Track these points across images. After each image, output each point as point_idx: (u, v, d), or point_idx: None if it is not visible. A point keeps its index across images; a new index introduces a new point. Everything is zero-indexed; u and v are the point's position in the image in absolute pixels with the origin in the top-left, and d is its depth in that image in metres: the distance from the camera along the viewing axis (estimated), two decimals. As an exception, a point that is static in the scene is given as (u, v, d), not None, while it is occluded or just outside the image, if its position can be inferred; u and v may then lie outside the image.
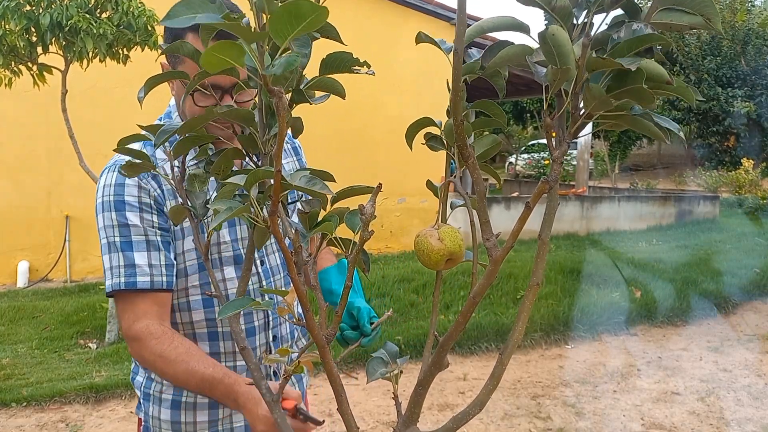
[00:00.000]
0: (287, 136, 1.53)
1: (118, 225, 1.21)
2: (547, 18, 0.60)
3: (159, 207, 1.23)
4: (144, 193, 1.22)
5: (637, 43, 0.58)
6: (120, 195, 1.21)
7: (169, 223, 1.23)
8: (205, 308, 1.30)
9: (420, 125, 0.80)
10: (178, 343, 1.20)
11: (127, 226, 1.21)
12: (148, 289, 1.21)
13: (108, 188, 1.22)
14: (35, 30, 4.37)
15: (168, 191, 1.24)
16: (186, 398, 1.32)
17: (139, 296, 1.21)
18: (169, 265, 1.23)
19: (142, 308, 1.22)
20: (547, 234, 0.72)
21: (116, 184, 1.22)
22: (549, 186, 0.66)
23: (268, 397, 0.88)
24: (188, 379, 1.18)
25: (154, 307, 1.23)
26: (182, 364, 1.17)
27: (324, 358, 0.74)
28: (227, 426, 1.35)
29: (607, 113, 0.62)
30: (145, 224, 1.21)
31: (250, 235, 0.85)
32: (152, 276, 1.21)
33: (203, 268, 1.26)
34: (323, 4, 0.52)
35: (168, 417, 1.32)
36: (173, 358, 1.17)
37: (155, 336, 1.19)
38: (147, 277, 1.20)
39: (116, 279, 1.20)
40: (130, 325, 1.21)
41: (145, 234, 1.21)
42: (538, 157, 18.48)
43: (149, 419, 1.35)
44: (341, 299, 0.77)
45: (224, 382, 1.14)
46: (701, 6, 0.58)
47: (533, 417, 3.66)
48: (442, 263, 0.85)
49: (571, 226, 9.28)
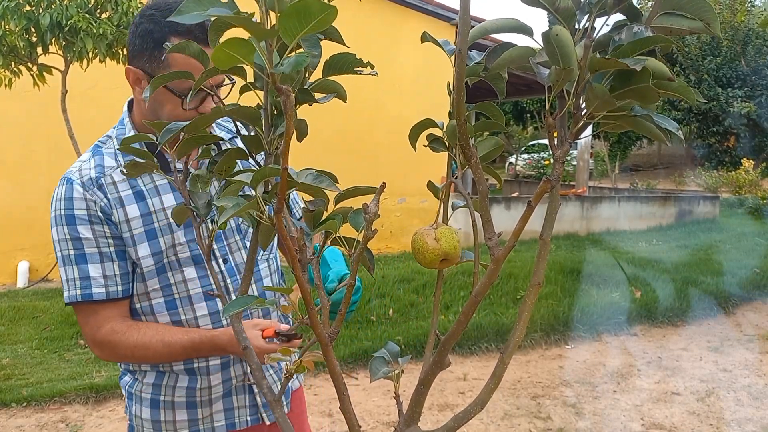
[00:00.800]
0: None
1: (71, 239, 1.23)
2: (551, 19, 0.61)
3: (107, 217, 1.24)
4: (92, 205, 1.23)
5: (640, 45, 0.58)
6: (70, 209, 1.23)
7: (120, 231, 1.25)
8: (169, 310, 1.31)
9: (423, 126, 0.80)
10: (145, 327, 1.26)
11: (80, 239, 1.23)
12: (104, 299, 1.24)
13: (59, 202, 1.24)
14: (35, 30, 4.38)
15: (114, 199, 1.25)
16: (164, 397, 1.34)
17: (99, 305, 1.25)
18: (124, 274, 1.26)
19: (104, 314, 1.26)
20: (549, 234, 0.72)
21: (65, 198, 1.24)
22: (551, 185, 0.66)
23: (269, 396, 0.88)
24: (171, 352, 1.24)
25: (114, 311, 1.27)
26: (158, 343, 1.23)
27: (327, 356, 0.75)
28: (208, 425, 1.36)
29: (608, 114, 0.63)
30: (96, 236, 1.23)
31: (253, 235, 0.85)
32: (107, 287, 1.24)
33: (162, 271, 1.28)
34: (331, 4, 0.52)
35: (149, 416, 1.35)
36: (147, 341, 1.23)
37: (122, 332, 1.24)
38: (102, 288, 1.23)
39: (73, 291, 1.24)
40: (95, 333, 1.26)
41: (97, 246, 1.23)
42: (538, 157, 18.49)
43: (133, 418, 1.38)
44: (344, 299, 0.78)
45: (204, 341, 1.23)
46: (701, 11, 0.59)
47: (533, 417, 3.66)
48: (437, 263, 0.86)
49: (572, 226, 9.29)
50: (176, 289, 1.30)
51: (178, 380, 1.34)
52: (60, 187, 1.27)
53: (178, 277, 1.30)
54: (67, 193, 1.24)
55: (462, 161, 0.77)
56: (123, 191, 1.26)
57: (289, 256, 0.68)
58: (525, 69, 0.69)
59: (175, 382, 1.34)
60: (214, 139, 0.89)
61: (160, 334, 1.25)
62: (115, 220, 1.25)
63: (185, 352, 1.25)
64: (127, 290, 1.27)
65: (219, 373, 1.35)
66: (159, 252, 1.27)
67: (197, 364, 1.33)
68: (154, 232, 1.26)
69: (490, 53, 0.69)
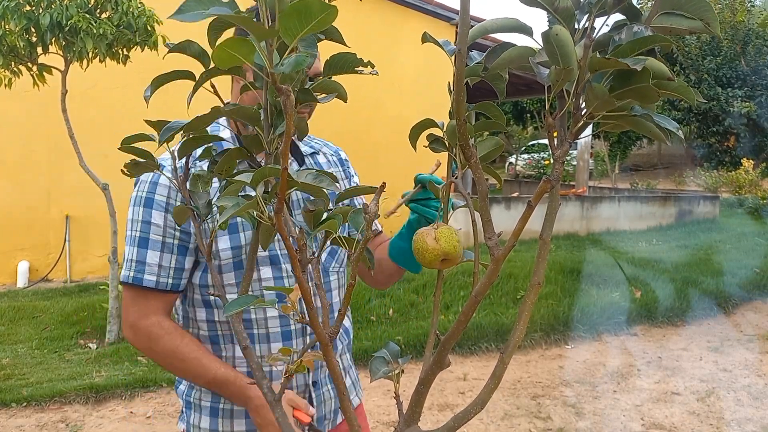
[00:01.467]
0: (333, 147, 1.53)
1: (142, 221, 1.24)
2: (550, 19, 0.61)
3: None
4: (173, 194, 1.23)
5: (640, 44, 0.58)
6: (152, 193, 1.24)
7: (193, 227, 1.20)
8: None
9: (423, 126, 0.81)
10: (189, 340, 1.25)
11: (149, 224, 1.23)
12: (152, 288, 1.24)
13: (144, 184, 1.25)
14: (35, 30, 4.38)
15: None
16: (223, 405, 1.31)
17: (148, 292, 1.25)
18: (179, 269, 1.26)
19: (153, 305, 1.25)
20: (549, 234, 0.72)
21: (152, 181, 1.24)
22: (551, 185, 0.66)
23: (270, 396, 0.88)
24: (200, 374, 1.22)
25: (161, 304, 1.26)
26: (194, 360, 1.22)
27: (327, 356, 0.75)
28: None
29: (608, 114, 0.63)
30: (166, 225, 1.23)
31: (254, 236, 0.85)
32: (159, 276, 1.24)
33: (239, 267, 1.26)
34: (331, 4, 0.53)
35: (207, 425, 1.32)
36: (185, 353, 1.22)
37: (168, 332, 1.24)
38: (153, 276, 1.23)
39: (127, 271, 1.25)
40: (139, 319, 1.25)
41: (162, 235, 1.24)
42: (538, 157, 18.49)
43: (191, 428, 1.35)
44: (344, 299, 0.78)
45: (236, 384, 1.20)
46: (700, 10, 0.59)
47: (533, 417, 3.66)
48: (437, 263, 0.86)
49: (572, 226, 9.29)
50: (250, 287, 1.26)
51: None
52: None
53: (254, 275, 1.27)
54: (155, 177, 1.24)
55: (462, 161, 0.77)
56: None
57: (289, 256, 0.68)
58: (525, 69, 0.69)
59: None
60: (214, 139, 0.89)
61: (199, 353, 1.23)
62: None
63: (213, 383, 1.23)
64: (177, 285, 1.26)
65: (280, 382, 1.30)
66: (238, 247, 1.25)
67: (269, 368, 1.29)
68: (236, 226, 1.26)
69: (490, 53, 0.69)
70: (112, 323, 4.88)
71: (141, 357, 4.52)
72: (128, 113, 5.28)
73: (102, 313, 5.11)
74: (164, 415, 3.68)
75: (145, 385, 3.98)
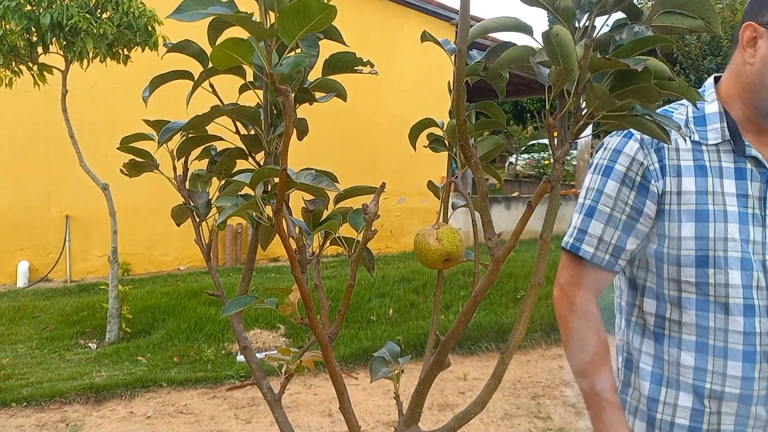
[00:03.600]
0: None
1: (595, 189, 1.19)
2: (551, 19, 0.61)
3: (646, 183, 1.15)
4: (635, 167, 1.15)
5: (641, 45, 0.58)
6: (612, 161, 1.17)
7: (664, 202, 1.14)
8: (698, 310, 1.13)
9: (423, 126, 0.80)
10: (600, 339, 1.20)
11: (601, 194, 1.18)
12: (587, 259, 1.19)
13: (607, 151, 1.19)
14: (36, 30, 4.38)
15: (672, 167, 1.14)
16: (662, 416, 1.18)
17: (582, 263, 1.20)
18: (619, 247, 1.18)
19: (585, 277, 1.21)
20: (549, 234, 0.72)
21: (615, 149, 1.18)
22: (551, 185, 0.66)
23: (270, 396, 0.88)
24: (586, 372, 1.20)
25: (593, 281, 1.22)
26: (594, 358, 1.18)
27: (326, 357, 0.75)
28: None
29: (609, 114, 0.63)
30: (618, 198, 1.16)
31: (253, 236, 0.85)
32: (597, 250, 1.18)
33: (702, 263, 1.11)
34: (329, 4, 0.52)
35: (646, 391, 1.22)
36: (590, 348, 1.19)
37: (588, 318, 1.21)
38: (591, 248, 1.19)
39: (568, 238, 1.22)
40: (568, 284, 1.23)
41: (612, 207, 1.17)
42: (538, 157, 18.48)
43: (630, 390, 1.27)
44: (344, 298, 0.78)
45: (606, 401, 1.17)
46: (701, 9, 0.59)
47: (533, 417, 3.66)
48: (440, 263, 0.86)
49: (571, 226, 9.28)
50: (713, 291, 1.11)
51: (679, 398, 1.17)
52: (617, 138, 1.19)
53: (720, 279, 1.10)
54: (620, 145, 1.17)
55: (462, 161, 0.76)
56: (683, 160, 1.15)
57: (288, 256, 0.68)
58: (525, 68, 0.69)
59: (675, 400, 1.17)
60: (214, 138, 0.88)
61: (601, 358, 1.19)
62: (658, 190, 1.14)
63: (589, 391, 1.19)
64: (611, 264, 1.19)
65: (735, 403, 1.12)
66: (704, 238, 1.11)
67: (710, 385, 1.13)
68: (706, 214, 1.12)
69: (490, 52, 0.69)
70: (112, 323, 4.87)
71: (141, 357, 4.52)
72: (128, 113, 5.28)
73: (102, 313, 5.11)
74: (164, 415, 3.68)
75: (145, 385, 3.98)
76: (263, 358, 1.34)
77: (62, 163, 6.73)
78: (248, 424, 3.52)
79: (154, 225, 7.07)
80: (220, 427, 3.49)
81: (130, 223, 6.76)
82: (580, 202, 1.22)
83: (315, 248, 0.78)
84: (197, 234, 0.99)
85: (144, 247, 7.35)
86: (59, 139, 5.80)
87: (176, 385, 4.00)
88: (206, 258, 0.97)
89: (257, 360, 0.89)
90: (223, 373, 4.14)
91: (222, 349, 4.61)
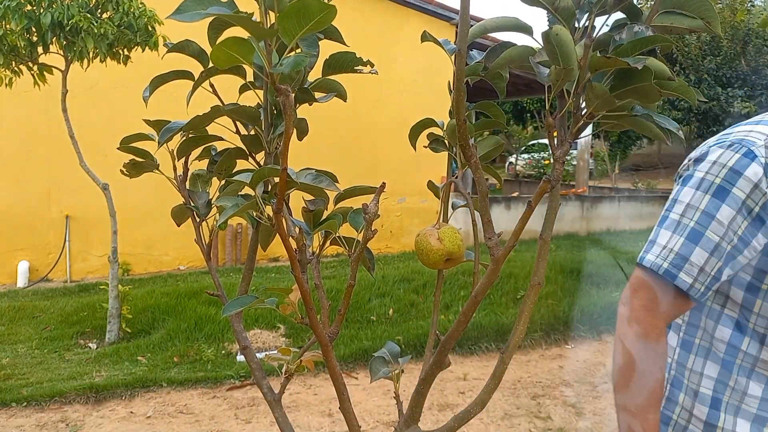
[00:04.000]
0: None
1: (703, 211, 1.02)
2: (550, 19, 0.61)
3: (763, 215, 1.02)
4: (757, 195, 1.01)
5: (641, 44, 0.58)
6: (729, 183, 1.01)
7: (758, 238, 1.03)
8: None
9: (423, 126, 0.81)
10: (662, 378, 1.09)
11: (711, 218, 1.02)
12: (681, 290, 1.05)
13: (721, 168, 1.01)
14: (36, 30, 4.38)
15: None
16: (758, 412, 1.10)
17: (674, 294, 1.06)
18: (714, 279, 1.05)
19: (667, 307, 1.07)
20: (549, 233, 0.72)
21: (733, 169, 1.01)
22: (551, 185, 0.66)
23: (270, 396, 0.88)
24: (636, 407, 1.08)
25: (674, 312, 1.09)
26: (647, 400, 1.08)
27: (327, 356, 0.75)
28: None
29: (608, 113, 0.63)
30: (730, 228, 1.02)
31: (253, 236, 0.85)
32: (695, 281, 1.04)
33: None
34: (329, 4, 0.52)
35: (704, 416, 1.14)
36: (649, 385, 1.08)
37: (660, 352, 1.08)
38: (690, 279, 1.04)
39: (660, 260, 1.05)
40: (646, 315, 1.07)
41: (720, 236, 1.03)
42: (538, 157, 18.49)
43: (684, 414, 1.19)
44: (344, 298, 0.78)
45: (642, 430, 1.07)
46: (701, 9, 0.58)
47: (533, 417, 3.66)
48: (441, 263, 0.86)
49: (572, 226, 9.30)
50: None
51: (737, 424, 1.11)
52: (731, 152, 1.02)
53: None
54: (739, 165, 1.00)
55: (462, 161, 0.77)
56: None
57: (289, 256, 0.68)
58: (525, 68, 0.69)
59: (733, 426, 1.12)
60: (214, 139, 0.89)
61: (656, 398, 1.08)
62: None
63: (627, 410, 1.09)
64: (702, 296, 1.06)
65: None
66: None
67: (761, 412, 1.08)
68: None
69: (490, 52, 0.69)
70: (112, 323, 4.87)
71: (141, 357, 4.52)
72: (128, 113, 5.28)
73: (102, 313, 5.11)
74: (164, 415, 3.68)
75: (145, 385, 3.98)
76: (263, 358, 1.33)
77: (62, 163, 6.73)
78: (248, 424, 3.53)
79: (154, 225, 7.08)
80: (220, 427, 3.49)
81: (130, 223, 6.76)
82: (674, 219, 1.05)
83: (315, 248, 0.78)
84: (197, 234, 0.99)
85: (144, 247, 7.36)
86: (59, 139, 5.80)
87: (176, 385, 4.00)
88: (206, 258, 0.97)
89: (257, 360, 0.89)
90: (223, 373, 4.14)
91: (222, 349, 4.61)
